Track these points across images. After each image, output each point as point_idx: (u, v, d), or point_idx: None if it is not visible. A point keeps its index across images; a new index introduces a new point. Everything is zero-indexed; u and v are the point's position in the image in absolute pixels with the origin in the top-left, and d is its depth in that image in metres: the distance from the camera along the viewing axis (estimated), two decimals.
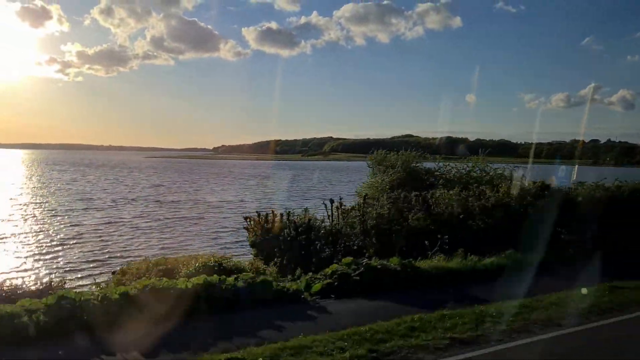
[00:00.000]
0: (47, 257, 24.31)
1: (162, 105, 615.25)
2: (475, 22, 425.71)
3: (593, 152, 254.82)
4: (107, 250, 25.85)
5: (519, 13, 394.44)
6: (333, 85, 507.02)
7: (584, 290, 10.82)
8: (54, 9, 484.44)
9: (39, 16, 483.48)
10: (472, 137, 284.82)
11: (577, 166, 20.92)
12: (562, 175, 19.15)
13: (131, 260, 17.85)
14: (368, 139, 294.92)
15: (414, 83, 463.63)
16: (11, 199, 50.07)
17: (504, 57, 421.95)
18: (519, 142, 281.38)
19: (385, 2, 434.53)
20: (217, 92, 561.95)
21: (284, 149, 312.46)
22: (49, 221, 35.32)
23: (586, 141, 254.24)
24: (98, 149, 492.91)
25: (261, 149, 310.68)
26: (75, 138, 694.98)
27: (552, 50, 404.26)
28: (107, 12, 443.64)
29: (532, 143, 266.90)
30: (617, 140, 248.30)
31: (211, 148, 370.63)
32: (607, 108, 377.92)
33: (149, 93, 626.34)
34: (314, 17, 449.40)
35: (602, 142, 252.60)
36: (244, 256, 17.69)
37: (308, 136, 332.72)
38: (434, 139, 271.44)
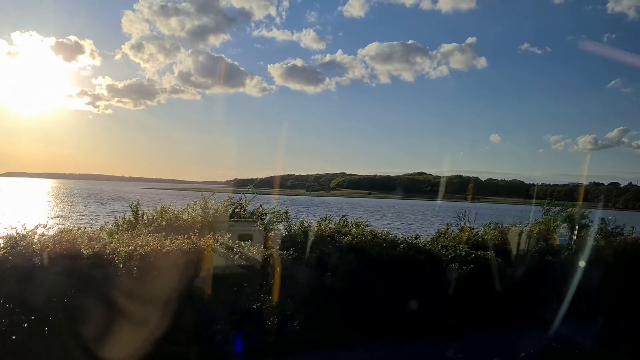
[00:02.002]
0: None
1: (187, 139, 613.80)
2: (500, 63, 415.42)
3: (605, 195, 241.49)
4: None
5: (545, 54, 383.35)
6: (355, 122, 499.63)
7: None
8: (87, 44, 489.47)
9: (72, 50, 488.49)
10: (485, 177, 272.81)
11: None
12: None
13: None
14: (375, 175, 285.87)
15: (437, 122, 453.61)
16: None
17: (529, 98, 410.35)
18: (531, 183, 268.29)
19: (409, 42, 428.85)
20: (241, 127, 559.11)
21: (295, 184, 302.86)
22: None
23: (605, 184, 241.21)
24: (119, 179, 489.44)
25: (272, 183, 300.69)
26: (98, 169, 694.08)
27: (578, 92, 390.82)
28: (138, 47, 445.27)
29: (545, 184, 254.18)
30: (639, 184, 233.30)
31: (224, 181, 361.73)
32: (635, 151, 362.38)
33: (174, 126, 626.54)
34: (339, 55, 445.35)
35: (622, 185, 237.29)
36: None
37: (323, 171, 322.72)
38: (443, 177, 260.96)
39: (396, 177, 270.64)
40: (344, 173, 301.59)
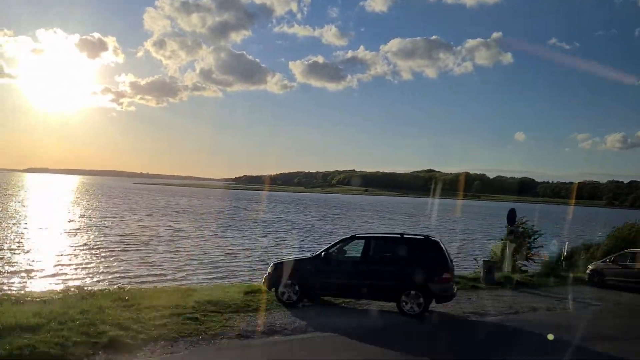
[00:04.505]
0: None
1: (208, 136, 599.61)
2: (527, 59, 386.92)
3: (614, 193, 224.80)
4: None
5: (573, 50, 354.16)
6: (376, 119, 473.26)
7: None
8: (110, 41, 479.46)
9: (95, 47, 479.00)
10: (495, 175, 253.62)
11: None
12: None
13: None
14: (377, 172, 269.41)
15: (460, 119, 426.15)
16: None
17: (556, 96, 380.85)
18: (545, 181, 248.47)
19: (433, 38, 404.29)
20: (261, 124, 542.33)
21: (302, 181, 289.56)
22: None
23: (625, 182, 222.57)
24: (137, 176, 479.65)
25: (279, 179, 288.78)
26: (118, 165, 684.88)
27: (607, 88, 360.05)
28: (160, 44, 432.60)
29: (560, 182, 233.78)
30: None
31: (233, 177, 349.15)
32: None
33: (196, 123, 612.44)
34: (361, 52, 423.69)
35: None
36: None
37: (334, 169, 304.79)
38: (450, 174, 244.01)
39: (400, 174, 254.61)
40: (354, 170, 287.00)
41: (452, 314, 11.26)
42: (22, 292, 12.27)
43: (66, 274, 19.39)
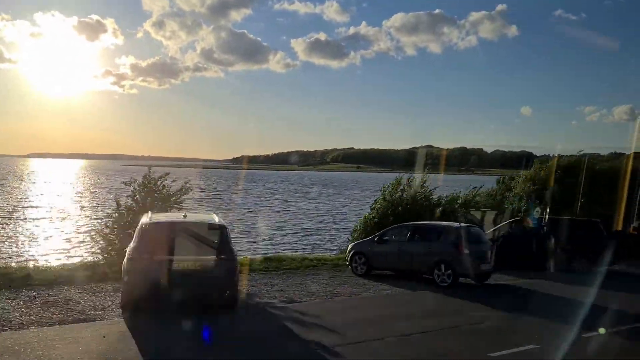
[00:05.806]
0: None
1: (210, 117, 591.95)
2: (532, 31, 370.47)
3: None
4: None
5: (579, 20, 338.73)
6: (379, 97, 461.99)
7: None
8: (109, 23, 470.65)
9: (94, 30, 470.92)
10: (493, 149, 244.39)
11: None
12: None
13: None
14: (372, 148, 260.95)
15: (465, 95, 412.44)
16: None
17: (563, 68, 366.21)
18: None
19: (436, 12, 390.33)
20: (264, 104, 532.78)
21: (300, 160, 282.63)
22: None
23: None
24: (140, 159, 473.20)
25: (277, 158, 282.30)
26: (122, 149, 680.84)
27: (615, 60, 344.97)
28: (159, 24, 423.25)
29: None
30: None
31: (230, 158, 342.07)
32: None
33: (198, 105, 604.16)
34: (363, 28, 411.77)
35: None
36: None
37: (331, 147, 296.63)
38: (447, 149, 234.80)
39: (396, 151, 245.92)
40: (352, 148, 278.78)
41: None
42: None
43: None
